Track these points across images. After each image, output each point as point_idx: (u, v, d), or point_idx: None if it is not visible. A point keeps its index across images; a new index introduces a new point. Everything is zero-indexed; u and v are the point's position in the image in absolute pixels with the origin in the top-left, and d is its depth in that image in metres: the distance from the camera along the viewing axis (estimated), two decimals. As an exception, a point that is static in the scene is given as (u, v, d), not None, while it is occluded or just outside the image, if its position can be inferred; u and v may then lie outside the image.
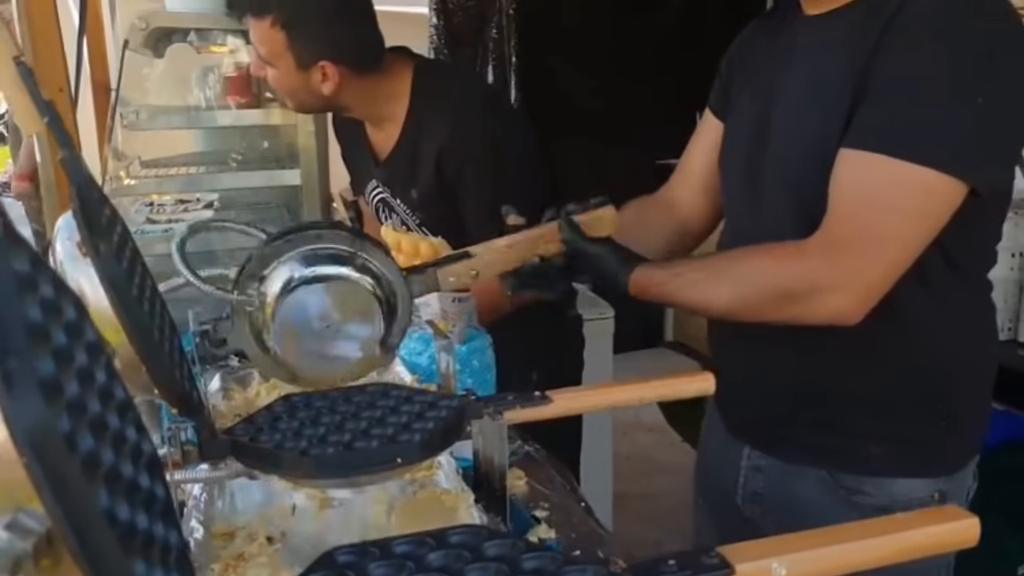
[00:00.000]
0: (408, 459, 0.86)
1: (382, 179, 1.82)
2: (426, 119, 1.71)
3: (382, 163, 1.81)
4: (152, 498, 0.53)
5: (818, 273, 1.06)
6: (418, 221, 1.79)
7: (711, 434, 1.52)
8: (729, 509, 1.42)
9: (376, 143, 1.83)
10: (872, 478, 1.22)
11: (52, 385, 0.41)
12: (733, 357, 1.34)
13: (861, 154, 1.05)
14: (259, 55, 1.68)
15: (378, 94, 1.73)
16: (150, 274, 0.94)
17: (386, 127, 1.77)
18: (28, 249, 0.46)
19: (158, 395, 0.80)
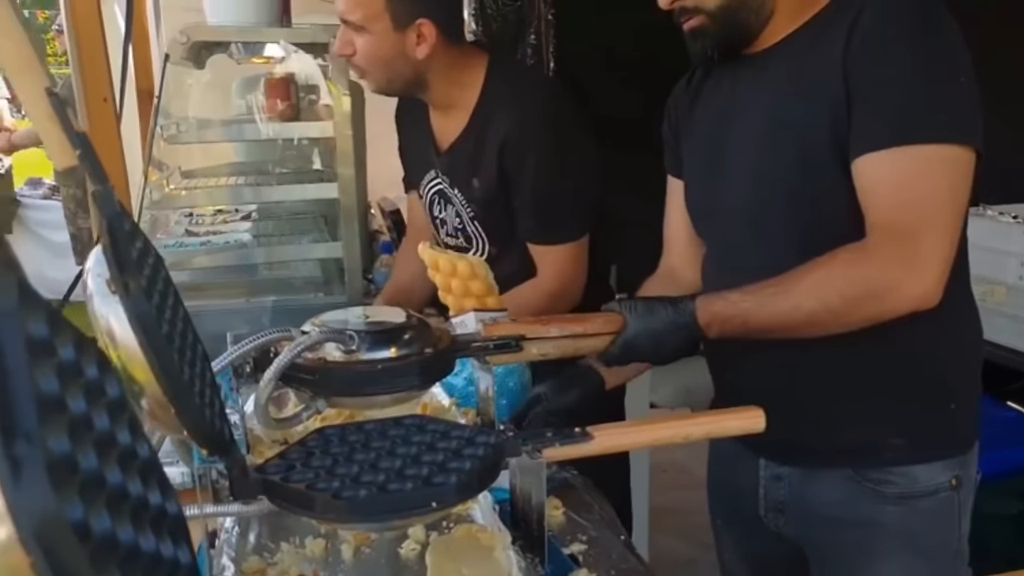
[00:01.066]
0: (444, 503, 0.83)
1: (442, 168, 1.81)
2: (495, 110, 1.70)
3: (445, 151, 1.80)
4: (175, 567, 0.50)
5: (890, 267, 1.09)
6: (472, 214, 1.77)
7: (719, 451, 1.53)
8: (751, 524, 1.42)
9: (440, 131, 1.82)
10: (896, 468, 1.26)
11: (64, 465, 0.38)
12: (736, 369, 1.34)
13: (881, 154, 1.10)
14: (351, 23, 1.67)
15: (457, 74, 1.73)
16: (182, 303, 0.91)
17: (453, 114, 1.76)
18: (46, 308, 0.44)
19: (186, 435, 0.77)
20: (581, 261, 1.76)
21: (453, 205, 1.82)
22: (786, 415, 1.29)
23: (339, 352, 1.16)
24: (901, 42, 1.12)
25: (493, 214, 1.76)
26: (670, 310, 1.14)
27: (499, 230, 1.78)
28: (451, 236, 1.85)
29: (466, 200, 1.78)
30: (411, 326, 1.23)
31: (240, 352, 1.13)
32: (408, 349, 1.18)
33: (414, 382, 1.16)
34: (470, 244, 1.82)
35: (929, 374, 1.27)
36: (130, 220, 0.80)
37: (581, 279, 1.77)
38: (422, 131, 1.85)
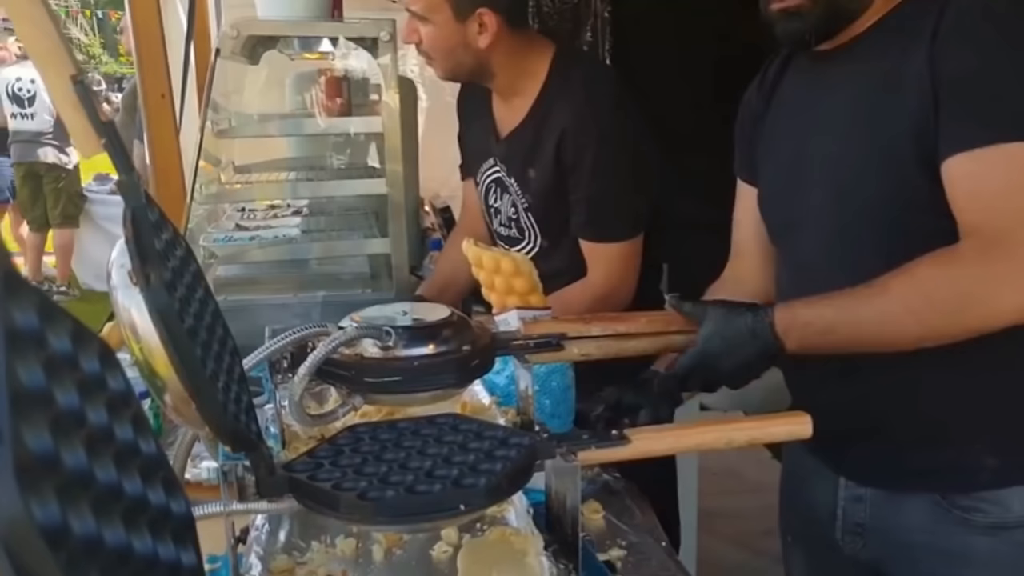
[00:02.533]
0: (472, 505, 0.80)
1: (501, 155, 1.79)
2: (557, 100, 1.68)
3: (504, 139, 1.78)
4: (175, 569, 0.48)
5: (988, 274, 1.01)
6: (526, 205, 1.75)
7: (795, 467, 1.44)
8: (825, 545, 1.34)
9: (501, 118, 1.80)
10: (987, 492, 1.16)
11: (41, 463, 0.36)
12: (817, 383, 1.24)
13: (971, 154, 1.03)
14: (414, 13, 1.68)
15: (522, 61, 1.71)
16: (212, 298, 0.90)
17: (515, 102, 1.74)
18: (37, 298, 0.42)
19: (209, 432, 0.75)
20: (633, 262, 1.72)
21: (509, 194, 1.79)
22: (869, 432, 1.21)
23: (376, 348, 1.14)
24: (990, 25, 1.05)
25: (547, 206, 1.74)
26: (747, 316, 1.06)
27: (552, 223, 1.75)
28: (504, 226, 1.83)
29: (521, 190, 1.76)
30: (450, 323, 1.20)
31: (275, 348, 1.12)
32: (446, 346, 1.15)
33: (451, 380, 1.13)
34: (522, 236, 1.79)
35: (1019, 386, 1.16)
36: (158, 211, 0.79)
37: (632, 281, 1.73)
38: (484, 117, 1.84)
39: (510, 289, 1.61)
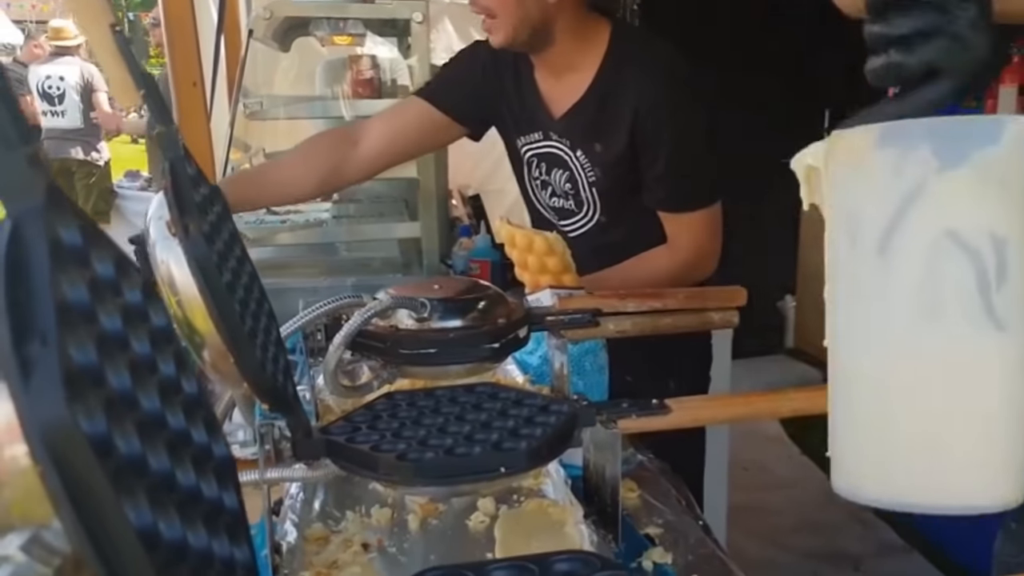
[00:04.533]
0: (513, 468, 0.78)
1: (560, 131, 1.76)
2: (623, 74, 1.64)
3: (562, 116, 1.74)
4: (216, 510, 0.46)
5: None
6: (593, 179, 1.72)
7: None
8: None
9: (552, 96, 1.75)
10: None
11: (87, 377, 0.35)
12: None
13: None
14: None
15: (582, 32, 1.67)
16: (249, 260, 0.89)
17: (570, 78, 1.70)
18: (81, 219, 0.41)
19: (247, 389, 0.74)
20: (718, 226, 1.70)
21: (566, 169, 1.76)
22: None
23: (411, 320, 1.13)
24: None
25: (614, 180, 1.71)
26: None
27: (615, 197, 1.72)
28: (559, 197, 1.79)
29: (590, 163, 1.73)
30: (485, 296, 1.19)
31: (310, 317, 1.11)
32: (481, 319, 1.14)
33: (486, 352, 1.12)
34: (579, 209, 1.76)
35: None
36: (196, 167, 0.78)
37: (718, 245, 1.71)
38: (529, 92, 1.78)
39: (543, 268, 1.59)
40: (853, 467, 0.62)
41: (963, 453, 0.59)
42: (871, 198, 0.60)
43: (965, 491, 0.59)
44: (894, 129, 0.61)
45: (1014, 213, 0.58)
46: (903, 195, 0.57)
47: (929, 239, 0.57)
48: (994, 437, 0.59)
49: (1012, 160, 0.57)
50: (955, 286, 0.57)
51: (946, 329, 0.57)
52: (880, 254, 0.59)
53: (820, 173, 0.64)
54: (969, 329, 0.57)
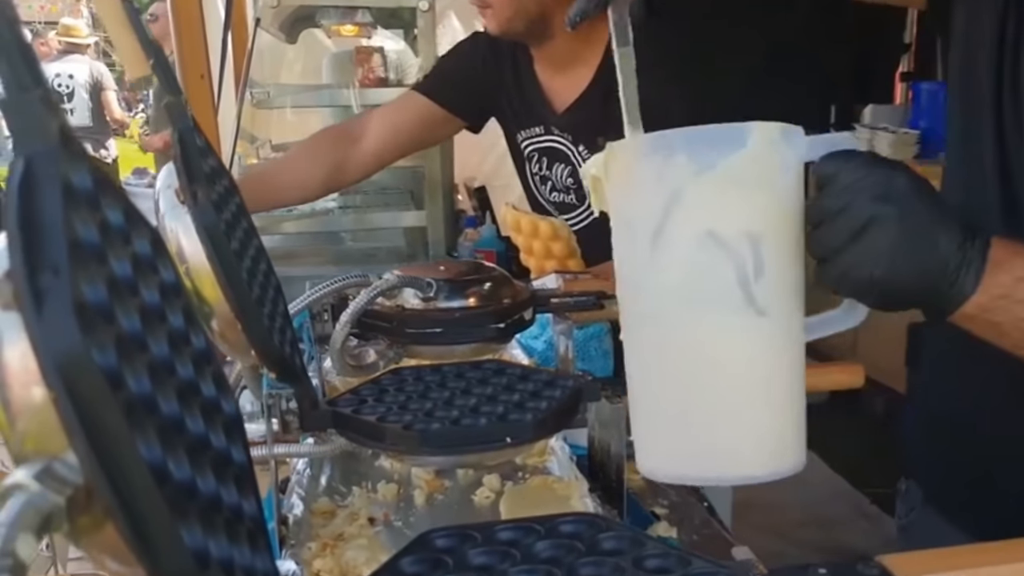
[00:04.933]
0: (518, 439, 0.79)
1: (562, 126, 1.75)
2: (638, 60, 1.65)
3: (565, 111, 1.74)
4: (225, 460, 0.47)
5: None
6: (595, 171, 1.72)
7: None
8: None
9: (554, 89, 1.75)
10: None
11: (98, 313, 0.35)
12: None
13: None
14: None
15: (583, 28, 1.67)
16: (256, 235, 0.90)
17: (573, 71, 1.69)
18: (93, 165, 0.41)
19: (255, 357, 0.75)
20: None
21: (569, 164, 1.76)
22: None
23: (417, 300, 1.13)
24: None
25: None
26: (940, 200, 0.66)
27: None
28: (560, 191, 1.79)
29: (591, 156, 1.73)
30: (490, 277, 1.19)
31: (317, 296, 1.11)
32: (486, 299, 1.15)
33: (491, 333, 1.12)
34: (581, 203, 1.77)
35: None
36: (205, 139, 0.78)
37: None
38: (530, 85, 1.77)
39: (548, 253, 1.59)
40: (649, 448, 0.67)
41: (741, 427, 0.63)
42: (641, 203, 0.65)
43: (749, 463, 0.64)
44: (656, 139, 0.67)
45: (767, 211, 0.62)
46: (665, 199, 0.62)
47: (691, 239, 0.62)
48: (766, 409, 0.64)
49: (760, 162, 0.62)
50: (717, 280, 0.62)
51: (712, 319, 0.62)
52: (652, 254, 0.64)
53: (602, 182, 0.70)
54: (733, 317, 0.62)
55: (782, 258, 0.63)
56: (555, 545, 0.57)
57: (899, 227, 0.61)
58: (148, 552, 0.34)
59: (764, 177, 0.62)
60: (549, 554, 0.57)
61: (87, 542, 0.36)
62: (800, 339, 0.65)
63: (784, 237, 0.63)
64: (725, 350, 0.63)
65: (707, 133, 0.64)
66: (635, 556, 0.55)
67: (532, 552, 0.57)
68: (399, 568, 0.57)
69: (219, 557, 0.40)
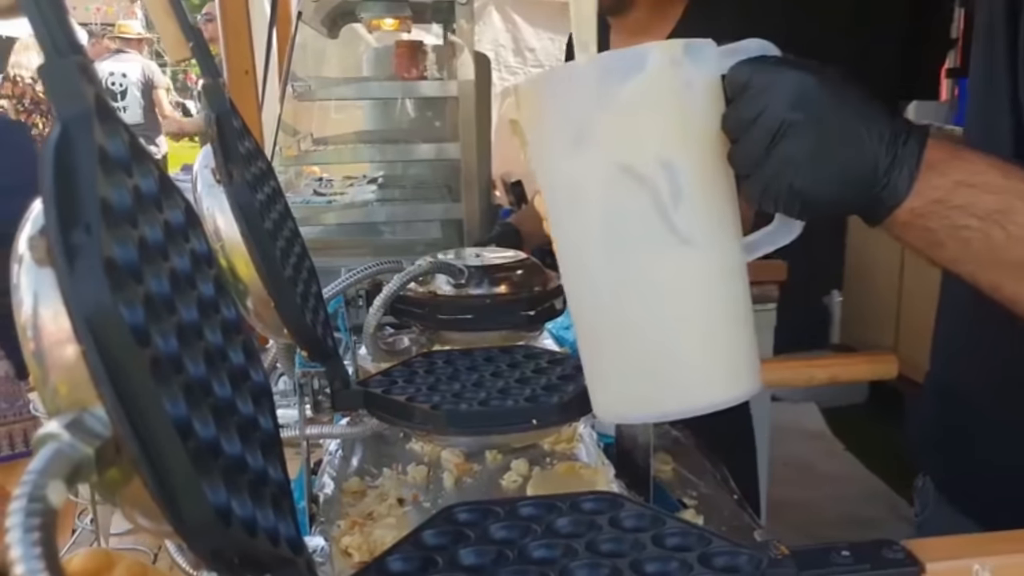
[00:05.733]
0: (544, 421, 0.79)
1: None
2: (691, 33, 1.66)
3: None
4: (251, 426, 0.48)
5: None
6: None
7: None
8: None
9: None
10: None
11: (127, 272, 0.36)
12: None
13: None
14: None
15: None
16: (292, 217, 0.91)
17: (640, 36, 1.68)
18: (128, 135, 0.43)
19: (288, 336, 0.76)
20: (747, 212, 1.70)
21: None
22: None
23: (449, 287, 1.14)
24: None
25: None
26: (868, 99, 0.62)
27: None
28: None
29: None
30: (522, 265, 1.20)
31: (351, 281, 1.13)
32: (517, 287, 1.15)
33: (521, 320, 1.13)
34: None
35: None
36: (242, 122, 0.80)
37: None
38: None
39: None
40: (599, 389, 0.66)
41: (686, 359, 0.61)
42: (549, 144, 0.62)
43: (699, 393, 0.62)
44: (557, 75, 0.65)
45: (677, 134, 0.59)
46: (572, 138, 0.59)
47: (604, 176, 0.59)
48: (708, 338, 0.61)
49: (662, 85, 0.58)
50: (636, 215, 0.59)
51: (637, 254, 0.60)
52: (568, 195, 0.61)
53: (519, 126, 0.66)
54: (659, 251, 0.59)
55: (702, 181, 0.59)
56: (576, 521, 0.58)
57: (816, 130, 0.57)
58: (171, 505, 0.35)
59: (669, 99, 0.58)
60: (570, 530, 0.57)
61: (116, 496, 0.38)
62: (737, 262, 0.62)
63: (700, 159, 0.59)
64: (656, 286, 0.60)
65: (606, 60, 0.60)
66: (655, 533, 0.55)
67: (553, 527, 0.57)
68: (421, 540, 0.58)
69: (242, 516, 0.41)
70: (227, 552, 0.38)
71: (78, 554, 0.58)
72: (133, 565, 0.58)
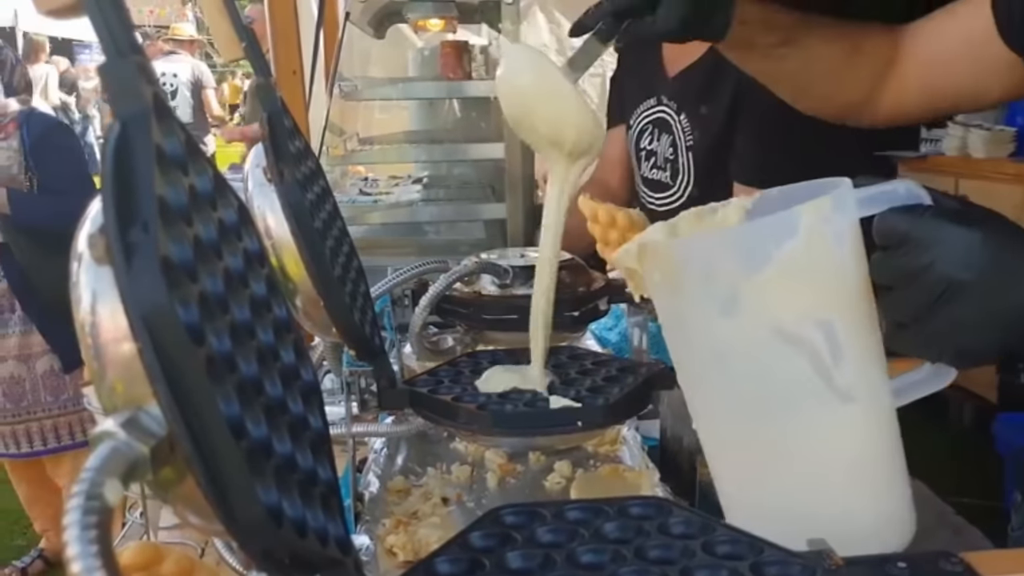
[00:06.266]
0: (589, 423, 0.79)
1: (671, 93, 1.77)
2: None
3: (676, 75, 1.75)
4: (301, 425, 0.48)
5: None
6: (690, 143, 1.72)
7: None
8: None
9: (673, 56, 1.76)
10: None
11: (183, 271, 0.37)
12: None
13: None
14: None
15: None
16: (341, 219, 0.92)
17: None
18: (185, 134, 0.43)
19: (336, 334, 0.77)
20: None
21: (670, 134, 1.76)
22: None
23: (494, 286, 1.14)
24: None
25: (710, 145, 1.69)
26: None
27: (710, 167, 1.70)
28: (658, 169, 1.80)
29: (690, 127, 1.72)
30: (567, 265, 1.19)
31: (398, 280, 1.13)
32: (561, 287, 1.15)
33: (565, 321, 1.12)
34: (673, 181, 1.76)
35: None
36: (292, 121, 0.81)
37: None
38: (651, 58, 1.81)
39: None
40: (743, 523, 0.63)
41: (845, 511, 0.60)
42: (691, 310, 0.60)
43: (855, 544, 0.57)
44: (695, 244, 0.63)
45: (832, 292, 0.58)
46: (720, 306, 0.58)
47: (757, 339, 0.57)
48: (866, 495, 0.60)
49: (816, 245, 0.57)
50: (793, 377, 0.57)
51: (794, 418, 0.58)
52: (716, 361, 0.60)
53: (638, 275, 0.66)
54: (817, 408, 0.58)
55: (858, 334, 0.58)
56: (623, 526, 0.57)
57: (984, 290, 0.57)
58: (224, 505, 0.35)
59: (823, 258, 0.57)
60: (617, 535, 0.56)
61: (169, 494, 0.38)
62: (891, 409, 0.61)
63: (855, 311, 0.58)
64: (813, 446, 0.59)
65: (748, 231, 0.60)
66: (705, 540, 0.54)
67: (600, 532, 0.57)
68: (468, 542, 0.57)
69: (293, 517, 0.41)
70: (278, 552, 0.38)
71: (127, 547, 0.59)
72: (181, 559, 0.59)
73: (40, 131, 2.74)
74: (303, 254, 0.68)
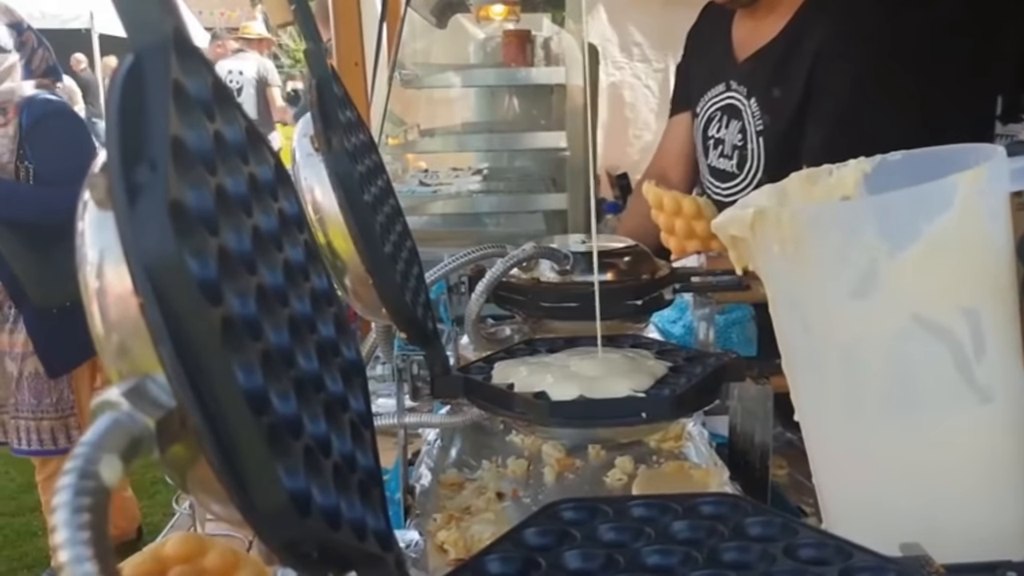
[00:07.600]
0: (653, 415, 0.73)
1: (741, 77, 1.71)
2: (818, 16, 1.58)
3: (747, 59, 1.70)
4: (340, 405, 0.44)
5: None
6: (760, 128, 1.66)
7: None
8: None
9: (744, 38, 1.72)
10: None
11: (200, 221, 0.32)
12: None
13: None
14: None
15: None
16: (394, 196, 0.88)
17: (766, 19, 1.65)
18: (213, 76, 0.39)
19: (387, 316, 0.72)
20: None
21: (739, 120, 1.70)
22: None
23: (553, 273, 1.09)
24: None
25: (782, 131, 1.63)
26: None
27: (780, 152, 1.64)
28: (725, 157, 1.74)
29: (760, 111, 1.66)
30: (630, 252, 1.14)
31: (455, 265, 1.09)
32: (624, 275, 1.09)
33: (628, 309, 1.07)
34: (741, 169, 1.70)
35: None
36: (343, 90, 0.77)
37: None
38: (720, 43, 1.76)
39: (690, 233, 1.51)
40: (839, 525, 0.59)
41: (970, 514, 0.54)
42: (817, 287, 0.54)
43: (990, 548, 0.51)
44: (830, 212, 0.56)
45: (981, 277, 0.51)
46: (853, 285, 0.51)
47: (894, 327, 0.51)
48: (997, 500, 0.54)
49: (967, 222, 0.50)
50: (930, 371, 0.51)
51: (928, 418, 0.52)
52: (840, 348, 0.53)
53: (744, 243, 0.59)
54: (952, 407, 0.52)
55: (1004, 328, 0.52)
56: (694, 526, 0.51)
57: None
58: (239, 488, 0.31)
59: (977, 236, 0.51)
60: (687, 535, 0.51)
61: (186, 479, 0.33)
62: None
63: (1003, 300, 0.51)
64: (942, 448, 0.53)
65: (897, 200, 0.52)
66: (787, 544, 0.48)
67: (668, 532, 0.51)
68: (522, 539, 0.52)
69: (323, 505, 0.37)
70: (304, 544, 0.33)
71: (170, 538, 0.56)
72: (226, 552, 0.56)
73: (38, 116, 2.43)
74: (351, 227, 0.64)
